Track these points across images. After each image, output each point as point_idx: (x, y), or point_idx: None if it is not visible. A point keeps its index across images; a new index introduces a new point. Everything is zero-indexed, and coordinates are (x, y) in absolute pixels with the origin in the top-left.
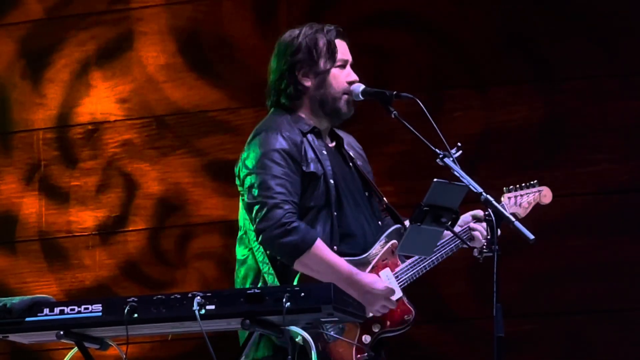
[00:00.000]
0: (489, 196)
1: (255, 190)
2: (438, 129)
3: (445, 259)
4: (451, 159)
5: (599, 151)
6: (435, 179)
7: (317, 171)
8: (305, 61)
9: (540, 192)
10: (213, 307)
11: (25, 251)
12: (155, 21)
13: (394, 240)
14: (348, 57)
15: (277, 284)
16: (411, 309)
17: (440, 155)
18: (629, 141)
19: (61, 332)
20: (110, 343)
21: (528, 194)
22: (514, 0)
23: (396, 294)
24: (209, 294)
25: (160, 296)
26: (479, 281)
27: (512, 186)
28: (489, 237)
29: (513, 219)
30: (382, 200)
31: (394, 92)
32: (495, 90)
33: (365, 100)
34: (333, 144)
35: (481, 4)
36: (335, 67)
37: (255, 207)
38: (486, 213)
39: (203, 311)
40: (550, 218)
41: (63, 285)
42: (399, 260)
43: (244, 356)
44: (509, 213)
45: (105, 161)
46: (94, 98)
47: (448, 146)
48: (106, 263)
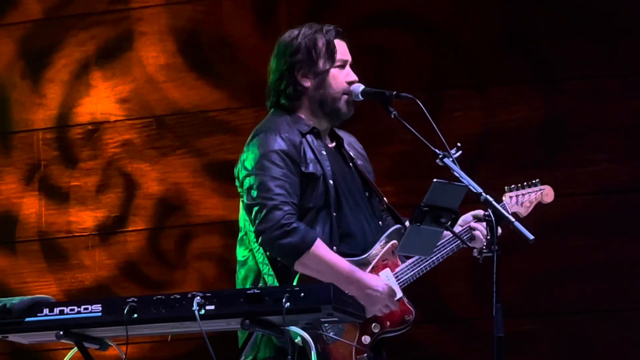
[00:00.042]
0: (488, 196)
1: (254, 192)
2: (438, 129)
3: (445, 259)
4: (451, 159)
5: (599, 151)
6: (435, 179)
7: (316, 172)
8: (305, 61)
9: (542, 191)
10: (213, 308)
11: (25, 251)
12: (155, 21)
13: (394, 241)
14: (347, 57)
15: (277, 284)
16: (411, 309)
17: (440, 156)
18: (629, 141)
19: (61, 333)
20: (110, 343)
21: (530, 193)
22: (514, 0)
23: (396, 294)
24: (209, 294)
25: (160, 296)
26: (479, 281)
27: (514, 185)
28: (488, 238)
29: (513, 219)
30: (383, 200)
31: (394, 93)
32: (495, 90)
33: (365, 101)
34: (333, 144)
35: (481, 4)
36: (335, 67)
37: (255, 209)
38: (486, 213)
39: (203, 311)
40: (550, 218)
41: (63, 286)
42: (399, 260)
43: (243, 356)
44: (510, 212)
45: (105, 161)
46: (93, 98)
47: (448, 146)
48: (106, 263)
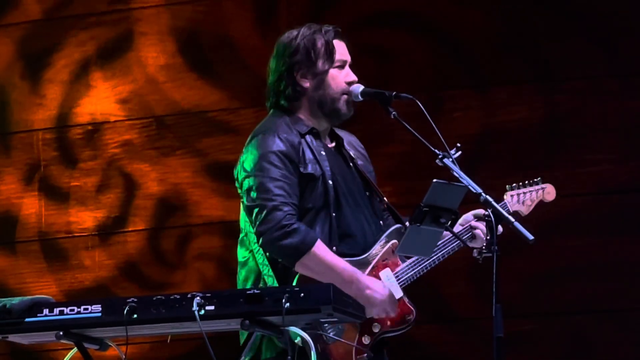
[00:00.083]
0: (488, 197)
1: (253, 193)
2: (438, 130)
3: (446, 258)
4: (450, 159)
5: (599, 151)
6: (435, 180)
7: (315, 172)
8: (304, 62)
9: (543, 190)
10: (212, 308)
11: (25, 252)
12: (155, 21)
13: (394, 240)
14: (347, 58)
15: (277, 285)
16: (412, 308)
17: (440, 156)
18: (629, 141)
19: (61, 333)
20: (109, 343)
21: (531, 192)
22: (514, 0)
23: (397, 293)
24: (209, 295)
25: (159, 297)
26: (480, 281)
27: (515, 184)
28: (488, 238)
29: (512, 219)
30: (383, 199)
31: (394, 93)
32: (495, 90)
33: (365, 101)
34: (333, 144)
35: (481, 4)
36: (334, 68)
37: (255, 210)
38: (485, 214)
39: (202, 312)
40: (550, 218)
41: (63, 286)
42: (399, 260)
43: (243, 356)
44: (512, 211)
45: (105, 161)
46: (93, 98)
47: (447, 147)
48: (106, 263)
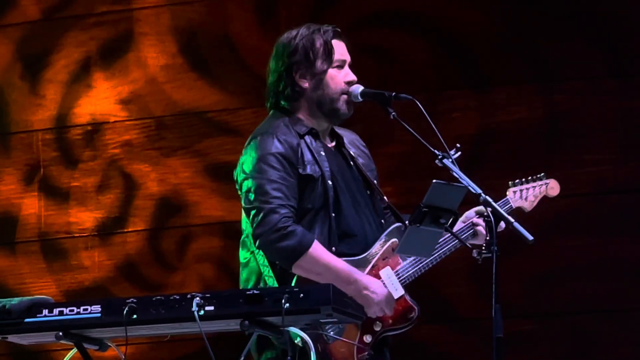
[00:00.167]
0: (488, 197)
1: (251, 195)
2: (437, 130)
3: (448, 257)
4: (450, 160)
5: (599, 151)
6: (435, 180)
7: (314, 173)
8: (302, 62)
9: (547, 185)
10: (212, 308)
11: (24, 252)
12: (155, 22)
13: (395, 239)
14: (346, 57)
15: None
16: (414, 306)
17: (439, 157)
18: (628, 141)
19: (60, 333)
20: (109, 344)
21: (534, 187)
22: (514, 0)
23: (398, 292)
24: (208, 295)
25: (159, 297)
26: (480, 281)
27: (518, 180)
28: (488, 238)
29: (512, 219)
30: (384, 198)
31: (393, 94)
32: (494, 90)
33: (365, 101)
34: (333, 144)
35: (481, 4)
36: (333, 68)
37: (252, 212)
38: (485, 214)
39: (202, 312)
40: (550, 218)
41: (62, 286)
42: (399, 258)
43: (243, 357)
44: (514, 207)
45: (105, 162)
46: (93, 99)
47: (447, 147)
48: (105, 264)
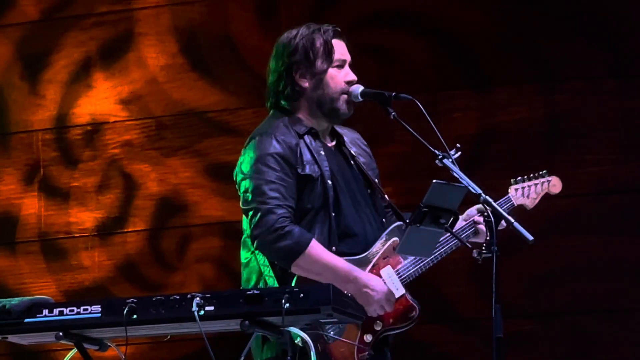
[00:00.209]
0: (488, 197)
1: (249, 196)
2: (437, 130)
3: (448, 257)
4: (450, 160)
5: (599, 151)
6: (435, 180)
7: (313, 173)
8: (302, 62)
9: (549, 182)
10: (212, 308)
11: (24, 252)
12: (155, 22)
13: (395, 238)
14: (346, 57)
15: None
16: (415, 305)
17: (439, 157)
18: (628, 141)
19: (60, 333)
20: (109, 344)
21: (536, 185)
22: (514, 0)
23: (399, 291)
24: (208, 295)
25: (159, 297)
26: (480, 281)
27: (520, 177)
28: (488, 238)
29: (512, 219)
30: (385, 197)
31: (393, 94)
32: (495, 90)
33: (365, 101)
34: (333, 143)
35: (481, 4)
36: (333, 67)
37: (250, 213)
38: (485, 214)
39: (202, 312)
40: (550, 218)
41: (62, 286)
42: (400, 257)
43: (243, 357)
44: (516, 205)
45: (105, 162)
46: (93, 99)
47: (447, 147)
48: (105, 264)
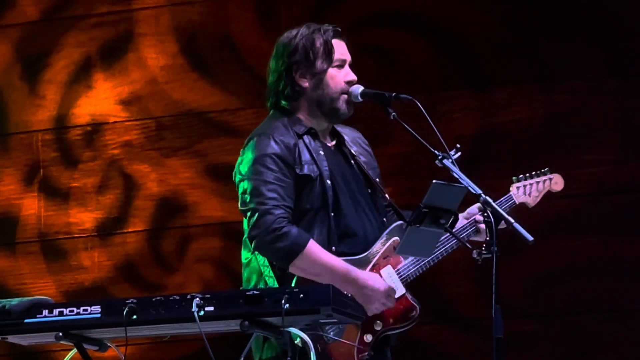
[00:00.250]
0: (488, 197)
1: (247, 196)
2: (437, 130)
3: (448, 256)
4: (450, 160)
5: (599, 151)
6: (435, 180)
7: (312, 173)
8: (302, 62)
9: (551, 180)
10: (212, 309)
11: (24, 252)
12: (155, 22)
13: (396, 237)
14: (346, 57)
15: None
16: (415, 305)
17: (439, 157)
18: (628, 141)
19: (60, 334)
20: (109, 344)
21: (538, 183)
22: (514, 0)
23: (399, 290)
24: (208, 296)
25: (159, 297)
26: (481, 281)
27: (522, 175)
28: (488, 239)
29: (512, 220)
30: (386, 196)
31: (393, 94)
32: (495, 90)
33: (365, 101)
34: (333, 143)
35: (481, 4)
36: (333, 67)
37: (248, 214)
38: (485, 215)
39: (202, 312)
40: (550, 218)
41: (62, 287)
42: (400, 256)
43: (243, 357)
44: (517, 203)
45: (105, 162)
46: (93, 99)
47: (447, 147)
48: (105, 264)
